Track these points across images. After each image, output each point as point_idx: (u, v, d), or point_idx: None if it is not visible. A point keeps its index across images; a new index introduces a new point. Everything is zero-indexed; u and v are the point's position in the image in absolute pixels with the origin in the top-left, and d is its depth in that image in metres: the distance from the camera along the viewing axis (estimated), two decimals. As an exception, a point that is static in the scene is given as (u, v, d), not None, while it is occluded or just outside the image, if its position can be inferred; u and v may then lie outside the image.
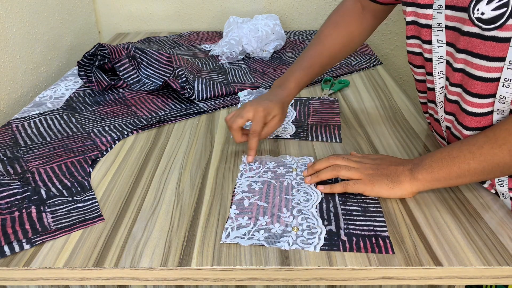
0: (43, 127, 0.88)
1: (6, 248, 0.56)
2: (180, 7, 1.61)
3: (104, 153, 0.80)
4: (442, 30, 0.64)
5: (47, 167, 0.74)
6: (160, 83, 1.05)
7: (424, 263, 0.54)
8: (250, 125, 0.77)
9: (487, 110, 0.61)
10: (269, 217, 0.62)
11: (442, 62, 0.66)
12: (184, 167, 0.75)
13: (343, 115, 0.94)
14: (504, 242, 0.57)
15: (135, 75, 1.10)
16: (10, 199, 0.63)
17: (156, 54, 1.12)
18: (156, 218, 0.62)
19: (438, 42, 0.65)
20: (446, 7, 0.62)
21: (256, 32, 1.30)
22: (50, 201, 0.65)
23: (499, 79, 0.58)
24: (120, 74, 1.08)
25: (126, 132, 0.86)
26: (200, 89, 1.02)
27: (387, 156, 0.71)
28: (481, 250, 0.56)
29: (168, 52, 1.29)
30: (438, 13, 0.63)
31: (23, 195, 0.64)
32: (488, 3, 0.56)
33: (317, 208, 0.63)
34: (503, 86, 0.58)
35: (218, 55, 1.29)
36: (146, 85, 1.08)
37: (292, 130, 0.87)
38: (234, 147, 0.81)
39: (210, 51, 1.34)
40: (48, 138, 0.83)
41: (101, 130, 0.86)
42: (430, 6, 0.64)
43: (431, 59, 0.67)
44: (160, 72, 1.11)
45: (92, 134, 0.85)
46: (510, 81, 0.57)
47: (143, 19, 1.63)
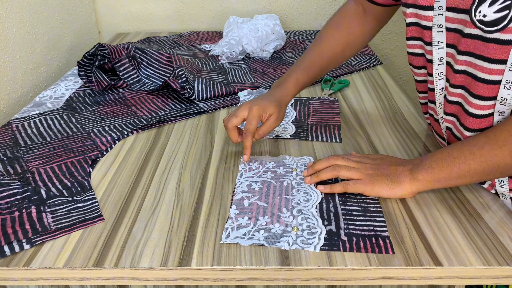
0: (43, 127, 0.88)
1: (6, 248, 0.56)
2: (180, 7, 1.61)
3: (104, 153, 0.80)
4: (442, 32, 0.63)
5: (47, 167, 0.74)
6: (160, 83, 1.05)
7: (424, 263, 0.54)
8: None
9: (488, 112, 0.61)
10: (269, 217, 0.62)
11: (442, 64, 0.66)
12: (184, 167, 0.75)
13: (343, 115, 0.94)
14: (504, 242, 0.57)
15: (135, 75, 1.10)
16: (10, 199, 0.63)
17: (156, 54, 1.12)
18: (156, 218, 0.62)
19: (438, 43, 0.65)
20: (447, 9, 0.62)
21: (256, 32, 1.30)
22: (50, 201, 0.65)
23: (501, 82, 0.58)
24: (120, 74, 1.08)
25: (126, 132, 0.86)
26: (200, 89, 1.02)
27: (387, 156, 0.71)
28: (481, 250, 0.56)
29: (168, 52, 1.29)
30: (438, 14, 0.63)
31: (23, 195, 0.64)
32: (490, 5, 0.55)
33: (317, 208, 0.63)
34: (504, 88, 0.58)
35: (218, 55, 1.29)
36: (146, 85, 1.08)
37: (292, 130, 0.87)
38: (234, 147, 0.81)
39: (210, 51, 1.34)
40: (48, 138, 0.83)
41: (101, 130, 0.86)
42: (430, 8, 0.64)
43: (431, 60, 0.67)
44: (160, 72, 1.11)
45: (92, 134, 0.85)
46: (511, 83, 0.58)
47: (143, 19, 1.63)
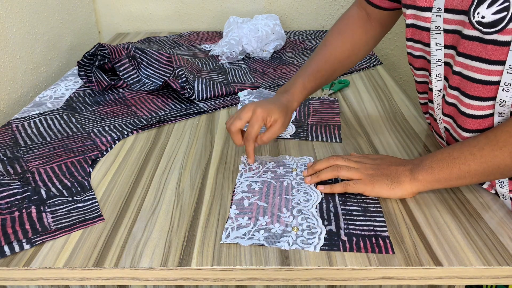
0: (43, 127, 0.88)
1: (6, 248, 0.56)
2: (180, 7, 1.61)
3: (104, 153, 0.80)
4: (440, 34, 0.63)
5: (47, 167, 0.74)
6: (160, 83, 1.05)
7: (424, 263, 0.54)
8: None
9: (487, 113, 0.61)
10: (269, 217, 0.62)
11: (440, 65, 0.66)
12: (184, 167, 0.75)
13: (343, 115, 0.94)
14: (504, 242, 0.57)
15: (135, 75, 1.10)
16: (10, 199, 0.63)
17: (156, 54, 1.12)
18: (156, 218, 0.62)
19: (436, 45, 0.65)
20: (445, 11, 0.61)
21: (256, 32, 1.30)
22: (50, 201, 0.65)
23: (499, 83, 0.58)
24: (120, 74, 1.08)
25: (126, 132, 0.86)
26: (200, 89, 1.02)
27: (387, 156, 0.71)
28: (481, 250, 0.56)
29: (168, 52, 1.29)
30: (437, 16, 0.63)
31: (23, 195, 0.64)
32: (488, 7, 0.55)
33: (317, 208, 0.63)
34: (503, 90, 0.58)
35: (218, 55, 1.29)
36: (146, 85, 1.08)
37: (292, 130, 0.87)
38: (234, 147, 0.81)
39: (210, 51, 1.34)
40: (48, 138, 0.83)
41: (101, 130, 0.86)
42: (429, 9, 0.63)
43: (430, 61, 0.67)
44: (160, 72, 1.11)
45: (92, 134, 0.85)
46: (510, 85, 0.57)
47: (143, 19, 1.63)
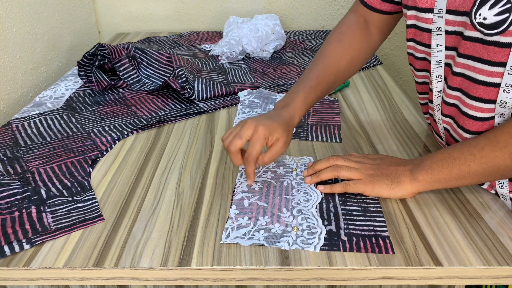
0: (43, 127, 0.88)
1: (6, 248, 0.56)
2: (180, 7, 1.61)
3: (104, 153, 0.80)
4: (441, 35, 0.63)
5: (47, 167, 0.74)
6: (160, 83, 1.05)
7: (424, 263, 0.54)
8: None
9: (489, 115, 0.61)
10: (269, 217, 0.62)
11: (441, 67, 0.66)
12: (184, 167, 0.75)
13: (343, 115, 0.94)
14: (504, 242, 0.57)
15: (135, 75, 1.10)
16: (10, 199, 0.63)
17: (156, 54, 1.12)
18: (156, 218, 0.62)
19: (437, 46, 0.64)
20: (447, 12, 0.61)
21: (256, 32, 1.30)
22: (50, 201, 0.65)
23: (500, 84, 0.58)
24: (120, 74, 1.08)
25: (126, 132, 0.86)
26: (200, 89, 1.02)
27: (387, 156, 0.71)
28: (481, 250, 0.56)
29: (168, 52, 1.29)
30: (438, 17, 0.62)
31: (23, 195, 0.64)
32: (490, 8, 0.55)
33: (317, 208, 0.63)
34: (504, 92, 0.58)
35: (218, 55, 1.29)
36: (146, 85, 1.08)
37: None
38: (234, 147, 0.81)
39: (210, 51, 1.34)
40: (48, 138, 0.83)
41: (101, 130, 0.86)
42: (430, 10, 0.63)
43: (430, 61, 0.67)
44: (160, 72, 1.11)
45: (92, 134, 0.85)
46: (511, 86, 0.57)
47: (143, 19, 1.63)
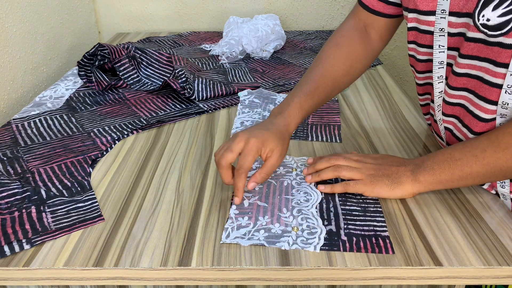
0: (43, 127, 0.88)
1: (6, 248, 0.56)
2: (180, 7, 1.61)
3: (104, 153, 0.80)
4: (444, 36, 0.63)
5: (47, 167, 0.74)
6: (160, 83, 1.05)
7: (424, 263, 0.54)
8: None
9: (492, 117, 0.61)
10: (269, 217, 0.62)
11: (443, 67, 0.65)
12: (184, 167, 0.75)
13: (343, 115, 0.94)
14: (504, 242, 0.57)
15: (135, 75, 1.10)
16: (10, 199, 0.63)
17: (156, 54, 1.12)
18: (156, 218, 0.62)
19: (439, 47, 0.64)
20: (450, 14, 0.61)
21: (256, 32, 1.30)
22: (50, 201, 0.65)
23: (503, 86, 0.58)
24: (120, 74, 1.08)
25: (126, 132, 0.86)
26: (200, 89, 1.02)
27: (388, 156, 0.70)
28: (481, 250, 0.56)
29: (168, 52, 1.29)
30: (441, 18, 0.62)
31: (23, 195, 0.64)
32: (494, 9, 0.55)
33: (317, 208, 0.63)
34: (506, 93, 0.58)
35: (218, 55, 1.29)
36: (146, 85, 1.08)
37: (292, 130, 0.87)
38: (234, 147, 0.81)
39: (210, 51, 1.34)
40: (48, 138, 0.83)
41: (101, 130, 0.86)
42: (432, 13, 0.63)
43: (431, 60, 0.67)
44: (160, 72, 1.11)
45: (92, 134, 0.85)
46: None
47: (143, 19, 1.63)
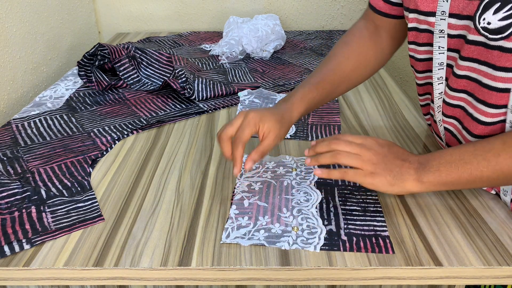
0: (43, 127, 0.88)
1: (6, 248, 0.56)
2: (180, 7, 1.61)
3: (104, 153, 0.80)
4: (444, 37, 0.63)
5: (47, 167, 0.74)
6: (160, 83, 1.05)
7: (424, 263, 0.54)
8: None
9: (492, 120, 0.60)
10: (269, 217, 0.62)
11: (442, 69, 0.65)
12: (184, 167, 0.75)
13: (343, 115, 0.94)
14: (504, 242, 0.57)
15: (135, 75, 1.10)
16: (10, 199, 0.63)
17: (156, 54, 1.12)
18: (156, 218, 0.62)
19: (439, 48, 0.64)
20: (450, 15, 0.60)
21: (256, 32, 1.30)
22: (50, 201, 0.65)
23: (507, 90, 0.57)
24: (120, 74, 1.08)
25: (126, 132, 0.86)
26: (200, 89, 1.02)
27: (394, 145, 0.63)
28: (481, 250, 0.56)
29: (168, 52, 1.29)
30: (441, 19, 0.62)
31: (23, 195, 0.64)
32: (495, 13, 0.54)
33: (317, 208, 0.63)
34: None
35: (218, 55, 1.29)
36: (146, 85, 1.08)
37: (292, 130, 0.87)
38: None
39: (210, 51, 1.34)
40: (48, 138, 0.83)
41: (101, 130, 0.86)
42: (432, 14, 0.63)
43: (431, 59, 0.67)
44: (160, 72, 1.11)
45: (92, 134, 0.85)
46: None
47: (143, 19, 1.63)
